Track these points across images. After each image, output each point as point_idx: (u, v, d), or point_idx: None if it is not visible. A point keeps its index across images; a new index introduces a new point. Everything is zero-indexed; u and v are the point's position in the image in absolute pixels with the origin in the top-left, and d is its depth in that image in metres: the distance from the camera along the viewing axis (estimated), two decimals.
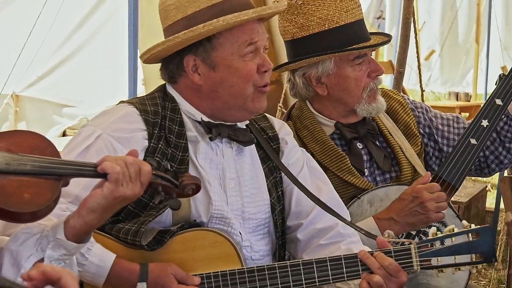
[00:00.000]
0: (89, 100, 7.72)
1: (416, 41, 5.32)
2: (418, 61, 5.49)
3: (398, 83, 4.90)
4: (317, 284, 2.44)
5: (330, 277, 2.44)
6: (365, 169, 3.13)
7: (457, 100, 10.61)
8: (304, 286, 2.44)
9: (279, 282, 2.42)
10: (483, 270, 5.88)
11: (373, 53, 3.30)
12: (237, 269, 2.41)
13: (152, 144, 2.53)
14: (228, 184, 2.62)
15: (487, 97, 3.33)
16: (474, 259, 2.47)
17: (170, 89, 2.67)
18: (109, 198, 2.12)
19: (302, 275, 2.42)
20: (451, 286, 2.97)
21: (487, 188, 6.82)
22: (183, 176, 2.27)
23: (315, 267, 2.43)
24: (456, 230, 2.45)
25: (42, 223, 2.15)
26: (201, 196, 2.54)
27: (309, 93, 3.14)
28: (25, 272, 1.78)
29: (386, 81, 12.46)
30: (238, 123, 2.67)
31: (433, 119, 3.32)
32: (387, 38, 3.17)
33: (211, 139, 2.59)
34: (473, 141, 3.08)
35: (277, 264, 2.44)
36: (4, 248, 2.14)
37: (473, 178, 8.63)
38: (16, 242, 2.13)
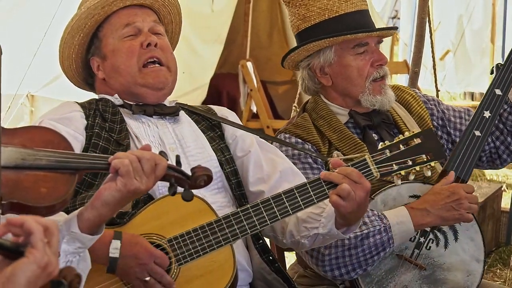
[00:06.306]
0: None
1: (431, 41, 5.32)
2: (433, 61, 5.49)
3: (413, 83, 4.90)
4: (291, 213, 2.50)
5: (301, 203, 2.50)
6: None
7: (473, 100, 10.59)
8: (280, 218, 2.50)
9: (255, 220, 2.48)
10: (498, 271, 5.86)
11: (388, 52, 3.29)
12: (214, 220, 2.47)
13: (89, 122, 2.71)
14: (169, 148, 2.71)
15: None
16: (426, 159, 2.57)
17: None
18: (123, 191, 2.17)
19: (275, 209, 2.49)
20: (467, 279, 2.99)
21: (502, 188, 6.79)
22: (195, 168, 2.30)
23: (284, 198, 2.50)
24: (401, 138, 2.60)
25: (54, 218, 2.16)
26: None
27: (315, 85, 3.19)
28: None
29: (401, 80, 12.44)
30: (165, 103, 2.84)
31: (445, 111, 3.35)
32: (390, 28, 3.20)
33: (133, 112, 2.75)
34: (477, 133, 3.08)
35: (250, 204, 2.51)
36: None
37: (488, 178, 8.59)
38: None
